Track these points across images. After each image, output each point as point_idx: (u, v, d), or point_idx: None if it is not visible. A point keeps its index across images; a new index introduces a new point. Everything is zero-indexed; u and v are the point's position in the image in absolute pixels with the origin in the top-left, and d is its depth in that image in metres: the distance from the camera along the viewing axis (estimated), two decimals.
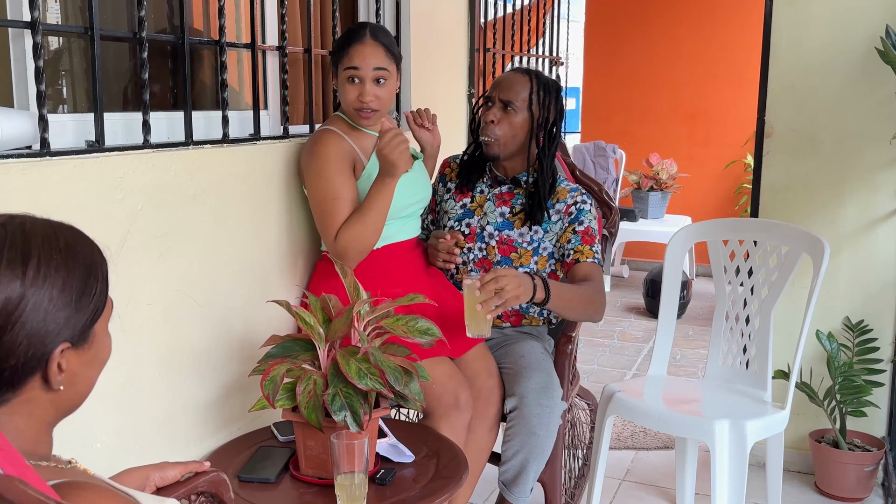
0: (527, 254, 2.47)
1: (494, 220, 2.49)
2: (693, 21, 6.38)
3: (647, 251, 6.55)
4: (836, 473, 2.99)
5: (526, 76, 2.44)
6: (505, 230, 2.48)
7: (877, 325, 3.07)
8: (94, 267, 1.07)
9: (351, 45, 2.23)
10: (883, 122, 2.95)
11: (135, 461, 1.87)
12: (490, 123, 2.42)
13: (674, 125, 6.56)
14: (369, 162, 2.27)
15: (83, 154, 1.73)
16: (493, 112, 2.42)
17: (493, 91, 2.44)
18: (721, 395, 2.62)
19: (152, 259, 1.89)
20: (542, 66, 4.72)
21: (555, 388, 2.31)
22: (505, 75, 2.48)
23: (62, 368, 1.03)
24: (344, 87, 2.25)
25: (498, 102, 2.42)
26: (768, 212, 3.15)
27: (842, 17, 2.97)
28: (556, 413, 2.30)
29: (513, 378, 2.34)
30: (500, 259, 2.48)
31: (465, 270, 2.51)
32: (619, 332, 5.11)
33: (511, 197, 2.50)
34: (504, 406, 2.33)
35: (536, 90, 2.42)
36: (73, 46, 2.23)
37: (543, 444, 2.29)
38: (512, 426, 2.30)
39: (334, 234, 2.19)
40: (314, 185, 2.23)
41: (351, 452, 1.68)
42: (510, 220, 2.48)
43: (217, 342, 2.12)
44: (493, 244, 2.48)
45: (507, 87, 2.42)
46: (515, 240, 2.47)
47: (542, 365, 2.36)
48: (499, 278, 2.05)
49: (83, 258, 1.05)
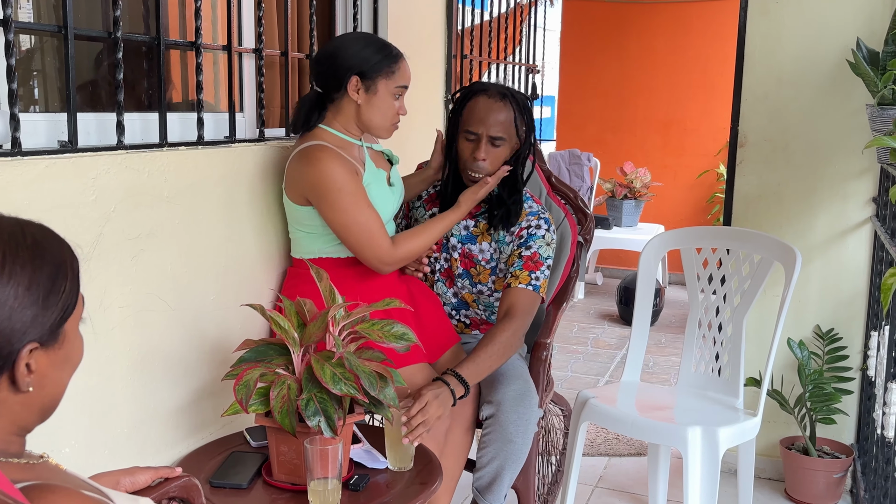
0: (485, 272, 2.45)
1: (458, 233, 2.46)
2: (668, 32, 6.44)
3: (621, 259, 6.59)
4: (805, 480, 3.02)
5: (503, 102, 2.32)
6: (467, 244, 2.45)
7: (846, 334, 3.11)
8: (63, 265, 1.04)
9: (397, 60, 2.23)
10: (853, 133, 2.99)
11: (104, 466, 1.84)
12: (479, 161, 2.32)
13: (648, 134, 6.61)
14: (366, 172, 2.25)
15: (55, 154, 1.71)
16: (482, 150, 2.30)
17: (479, 127, 2.31)
18: (693, 401, 2.64)
19: (125, 261, 1.86)
20: (518, 73, 4.74)
21: (531, 396, 2.31)
22: (484, 105, 2.32)
23: (31, 369, 1.00)
24: (391, 101, 2.23)
25: (486, 139, 2.31)
26: (741, 221, 3.18)
27: (814, 29, 3.02)
28: (532, 420, 2.30)
29: (489, 384, 2.32)
30: (462, 272, 2.47)
31: (432, 279, 2.50)
32: (593, 339, 5.13)
33: (476, 210, 2.47)
34: (480, 412, 2.33)
35: (518, 115, 2.34)
36: (45, 46, 2.20)
37: (519, 452, 2.29)
38: (488, 433, 2.28)
39: (387, 245, 2.20)
40: (342, 202, 2.14)
41: (324, 458, 1.67)
42: (473, 234, 2.46)
43: (190, 346, 2.10)
44: (455, 256, 2.46)
45: (494, 122, 2.30)
46: (475, 255, 2.45)
47: (519, 372, 2.35)
48: (424, 411, 1.98)
49: (51, 255, 1.03)
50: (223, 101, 2.41)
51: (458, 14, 3.72)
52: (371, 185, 2.24)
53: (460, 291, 2.49)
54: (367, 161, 2.27)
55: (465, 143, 2.35)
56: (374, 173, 2.27)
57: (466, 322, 2.55)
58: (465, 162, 2.36)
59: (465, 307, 2.52)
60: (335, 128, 2.26)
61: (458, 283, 2.49)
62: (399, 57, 2.25)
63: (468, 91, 2.40)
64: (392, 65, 2.22)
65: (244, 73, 2.46)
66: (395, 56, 2.24)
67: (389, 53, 2.23)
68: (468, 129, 2.34)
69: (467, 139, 2.35)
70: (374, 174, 2.26)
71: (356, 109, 2.23)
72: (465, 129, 2.34)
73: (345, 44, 2.25)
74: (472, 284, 2.47)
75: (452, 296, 2.50)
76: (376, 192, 2.24)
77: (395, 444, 1.93)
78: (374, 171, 2.28)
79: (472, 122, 2.33)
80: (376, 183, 2.26)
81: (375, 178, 2.26)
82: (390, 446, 1.94)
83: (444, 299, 2.51)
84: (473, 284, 2.47)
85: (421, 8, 3.36)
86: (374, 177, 2.26)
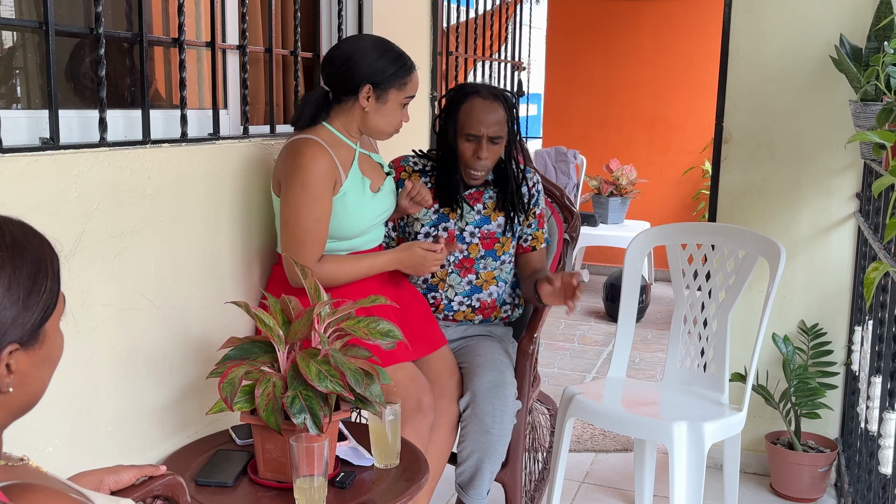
0: (507, 241, 2.56)
1: (473, 219, 2.53)
2: (653, 29, 6.45)
3: (607, 256, 6.60)
4: (790, 474, 3.03)
5: (497, 103, 2.44)
6: (484, 225, 2.54)
7: (830, 329, 3.13)
8: (43, 263, 1.02)
9: (411, 73, 2.27)
10: (837, 129, 3.01)
11: (88, 465, 1.82)
12: (482, 160, 2.43)
13: (633, 131, 6.63)
14: (347, 179, 2.25)
15: (37, 151, 1.70)
16: (484, 149, 2.42)
17: (479, 128, 2.41)
18: (679, 397, 2.65)
19: (108, 259, 1.85)
20: (504, 70, 4.74)
21: (507, 387, 2.33)
22: (480, 107, 2.43)
23: (11, 370, 0.99)
24: (399, 111, 2.28)
25: (486, 139, 2.41)
26: (726, 216, 3.20)
27: (798, 26, 3.03)
28: (508, 411, 2.31)
29: (466, 376, 2.38)
30: (484, 253, 2.53)
31: (444, 273, 2.52)
32: (580, 336, 5.14)
33: (480, 194, 2.55)
34: (459, 404, 2.34)
35: (509, 113, 2.47)
36: (27, 42, 2.18)
37: (497, 444, 2.30)
38: (465, 425, 2.32)
39: (313, 258, 2.19)
40: (298, 200, 2.16)
41: (310, 455, 1.67)
42: (487, 215, 2.55)
43: (174, 344, 2.08)
44: (475, 242, 2.53)
45: (492, 123, 2.41)
46: (495, 231, 2.54)
47: (496, 364, 2.37)
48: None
49: (31, 255, 1.01)
50: (207, 97, 2.39)
51: (444, 11, 3.71)
52: (349, 192, 2.24)
53: (481, 273, 2.53)
54: (353, 166, 2.27)
55: (466, 144, 2.45)
56: (357, 180, 2.27)
57: (476, 307, 2.56)
58: (468, 162, 2.46)
59: (477, 291, 2.54)
60: (335, 126, 2.28)
61: (479, 266, 2.53)
62: (412, 69, 2.29)
63: (461, 94, 2.47)
64: (405, 77, 2.26)
65: (228, 70, 2.45)
66: (409, 68, 2.27)
67: (404, 66, 2.26)
68: (469, 133, 2.43)
69: (468, 140, 2.44)
70: (355, 180, 2.26)
71: (362, 114, 2.27)
72: (466, 132, 2.43)
73: (362, 50, 2.25)
74: (496, 259, 2.55)
75: (466, 283, 2.53)
76: (353, 198, 2.24)
77: (381, 441, 1.93)
78: (358, 177, 2.28)
79: (472, 125, 2.42)
80: (355, 190, 2.25)
81: (355, 185, 2.26)
82: (376, 443, 1.94)
83: (456, 289, 2.53)
84: (497, 258, 2.55)
85: (406, 5, 3.35)
86: (354, 184, 2.26)
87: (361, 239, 2.31)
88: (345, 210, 2.23)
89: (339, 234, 2.25)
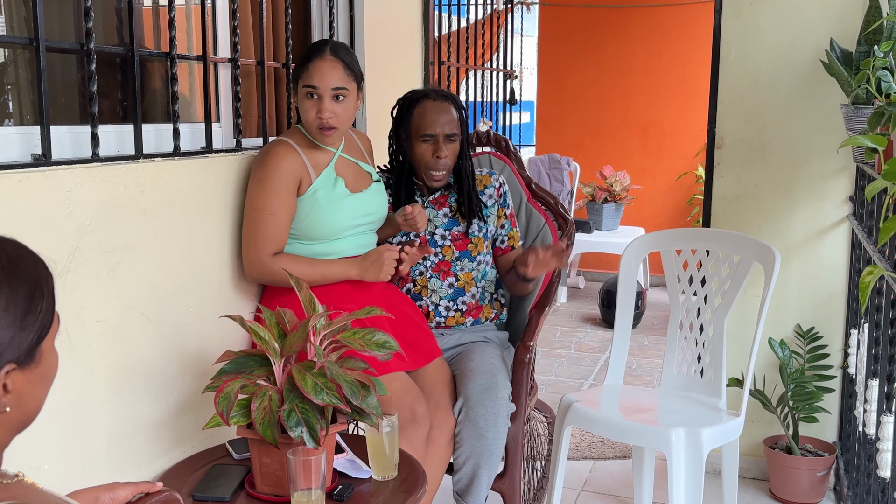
0: (480, 241, 2.56)
1: (441, 223, 2.54)
2: (644, 35, 6.47)
3: (602, 262, 6.61)
4: (789, 479, 3.03)
5: (447, 103, 2.47)
6: (453, 227, 2.55)
7: (827, 332, 3.13)
8: (39, 283, 1.03)
9: (311, 60, 2.22)
10: (829, 133, 3.01)
11: (84, 483, 1.81)
12: (442, 158, 2.45)
13: (626, 138, 6.64)
14: (318, 178, 2.25)
15: (29, 168, 1.69)
16: (442, 148, 2.44)
17: (434, 128, 2.44)
18: (677, 403, 2.64)
19: (102, 275, 1.84)
20: (496, 79, 4.75)
21: (499, 389, 2.33)
22: (431, 108, 2.46)
23: (8, 389, 0.99)
24: (303, 103, 2.24)
25: (442, 138, 2.44)
26: (720, 222, 3.20)
27: (789, 30, 3.04)
28: (502, 413, 2.31)
29: (458, 381, 2.39)
30: (459, 254, 2.54)
31: (424, 280, 2.52)
32: (576, 343, 5.14)
33: (445, 198, 2.57)
34: (454, 409, 2.35)
35: (459, 112, 2.50)
36: (18, 58, 2.18)
37: (492, 447, 2.30)
38: (460, 430, 2.32)
39: (264, 252, 2.20)
40: (254, 193, 2.23)
41: (308, 468, 1.66)
42: (454, 218, 2.56)
43: (169, 359, 2.08)
44: (447, 244, 2.53)
45: (446, 121, 2.45)
46: (466, 232, 2.55)
47: (487, 367, 2.38)
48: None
49: (27, 275, 1.01)
50: (199, 111, 2.39)
51: (435, 21, 3.72)
52: (319, 190, 2.25)
53: (459, 275, 2.54)
54: (329, 167, 2.28)
55: (423, 146, 2.47)
56: (328, 179, 2.28)
57: (463, 309, 2.56)
58: (427, 163, 2.48)
59: (461, 294, 2.55)
60: (306, 129, 2.30)
61: (456, 268, 2.53)
62: (312, 57, 2.23)
63: (410, 100, 2.51)
64: (303, 66, 2.24)
65: (220, 83, 2.45)
66: (307, 57, 2.25)
67: (306, 54, 2.26)
68: (425, 134, 2.45)
69: (424, 142, 2.46)
70: (327, 180, 2.27)
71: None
72: (422, 133, 2.46)
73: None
74: (472, 259, 2.55)
75: (448, 287, 2.54)
76: (325, 195, 2.26)
77: (379, 452, 1.92)
78: (331, 177, 2.28)
79: (427, 126, 2.46)
80: (325, 188, 2.26)
81: (326, 184, 2.27)
82: (374, 455, 1.93)
83: (439, 294, 2.53)
84: (473, 259, 2.55)
85: (397, 15, 3.36)
86: (325, 182, 2.27)
87: (346, 243, 2.31)
88: (316, 208, 2.24)
89: (315, 234, 2.25)
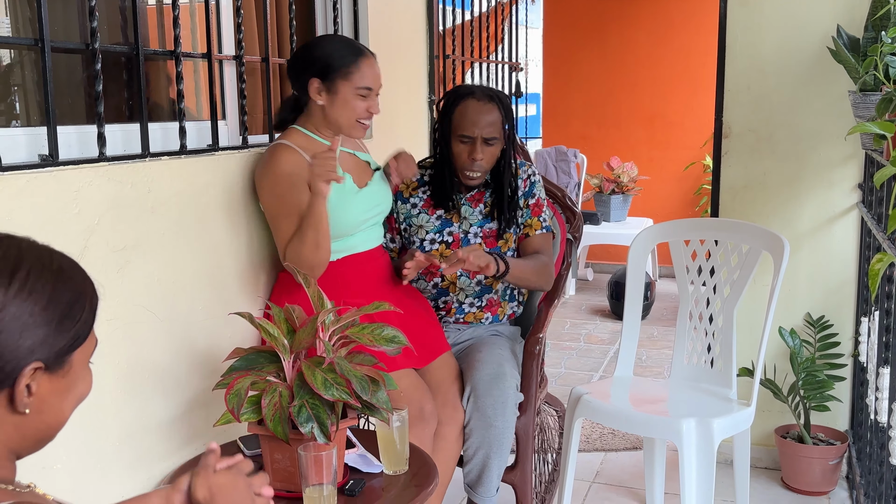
0: (510, 237, 2.54)
1: (476, 220, 2.54)
2: (650, 26, 6.44)
3: (611, 254, 6.59)
4: (801, 468, 3.02)
5: (493, 104, 2.43)
6: (486, 224, 2.53)
7: (837, 321, 3.12)
8: (83, 295, 1.06)
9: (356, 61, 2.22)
10: (836, 120, 3.00)
11: (96, 481, 1.83)
12: (477, 160, 2.42)
13: (633, 128, 6.62)
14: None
15: (36, 168, 1.70)
16: (478, 151, 2.41)
17: (472, 130, 2.40)
18: (687, 394, 2.64)
19: (111, 274, 1.85)
20: (501, 71, 4.74)
21: (506, 378, 2.33)
22: (474, 109, 2.42)
23: (31, 391, 1.00)
24: (355, 101, 2.23)
25: (480, 140, 2.41)
26: (728, 211, 3.19)
27: (795, 18, 3.02)
28: (510, 402, 2.31)
29: (466, 372, 2.39)
30: (489, 252, 2.49)
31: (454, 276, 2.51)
32: (586, 335, 5.14)
33: (481, 195, 2.56)
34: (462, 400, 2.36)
35: (505, 114, 2.45)
36: (24, 60, 2.19)
37: (502, 437, 2.30)
38: (469, 420, 2.32)
39: (283, 252, 2.21)
40: (267, 202, 2.24)
41: (319, 464, 1.66)
42: (488, 215, 2.55)
43: (179, 356, 2.08)
44: (478, 242, 2.52)
45: (486, 124, 2.40)
46: (498, 231, 2.53)
47: (494, 357, 2.38)
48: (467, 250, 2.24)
49: (73, 283, 1.05)
50: (205, 109, 2.39)
51: (439, 14, 3.71)
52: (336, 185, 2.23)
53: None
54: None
55: (461, 146, 2.44)
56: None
57: (483, 305, 2.57)
58: (463, 164, 2.45)
59: (487, 291, 2.55)
60: (308, 128, 2.30)
61: None
62: (357, 56, 2.24)
63: (455, 96, 2.46)
64: (350, 66, 2.23)
65: (225, 81, 2.45)
66: (353, 56, 2.24)
67: (347, 54, 2.24)
68: (462, 134, 2.42)
69: (462, 142, 2.43)
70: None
71: (321, 110, 2.27)
72: (460, 133, 2.43)
73: (308, 46, 2.29)
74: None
75: (476, 284, 2.54)
76: (335, 196, 2.24)
77: (390, 447, 1.93)
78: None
79: (466, 126, 2.42)
80: (336, 186, 2.24)
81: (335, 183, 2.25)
82: (384, 450, 1.93)
83: (466, 291, 2.53)
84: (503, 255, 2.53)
85: (401, 9, 3.35)
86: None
87: (355, 238, 2.31)
88: (328, 207, 2.23)
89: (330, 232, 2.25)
